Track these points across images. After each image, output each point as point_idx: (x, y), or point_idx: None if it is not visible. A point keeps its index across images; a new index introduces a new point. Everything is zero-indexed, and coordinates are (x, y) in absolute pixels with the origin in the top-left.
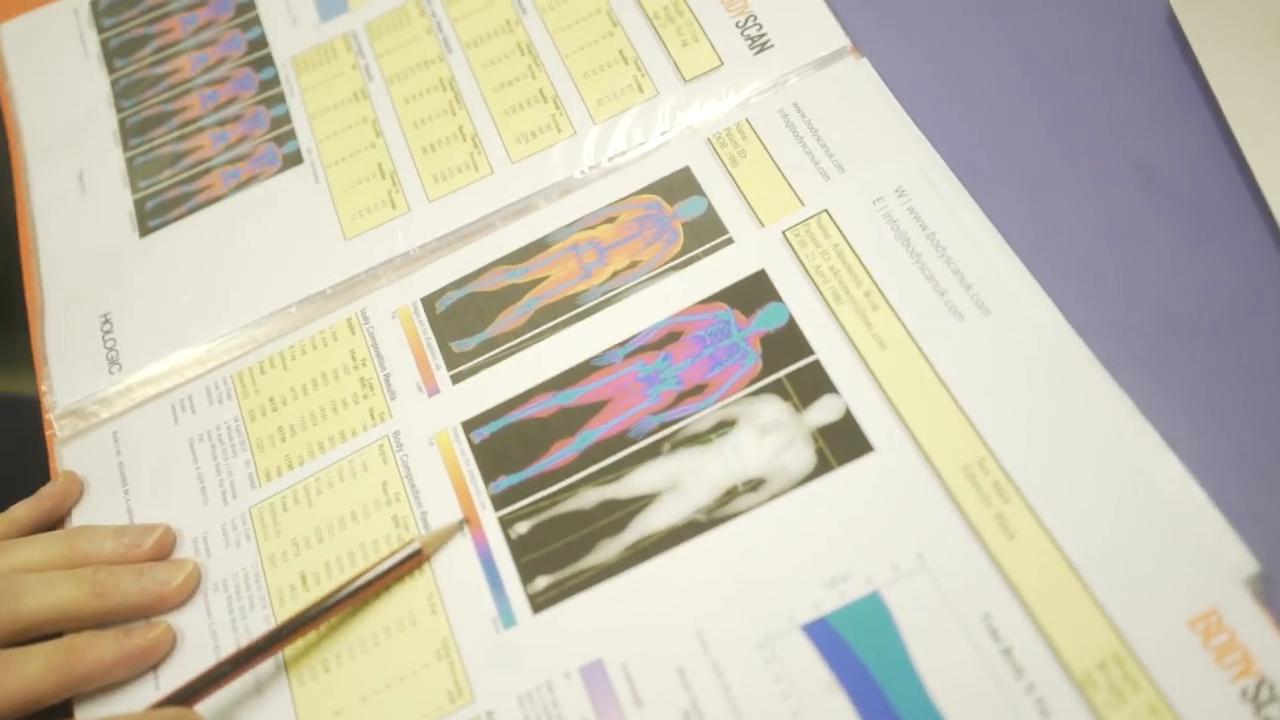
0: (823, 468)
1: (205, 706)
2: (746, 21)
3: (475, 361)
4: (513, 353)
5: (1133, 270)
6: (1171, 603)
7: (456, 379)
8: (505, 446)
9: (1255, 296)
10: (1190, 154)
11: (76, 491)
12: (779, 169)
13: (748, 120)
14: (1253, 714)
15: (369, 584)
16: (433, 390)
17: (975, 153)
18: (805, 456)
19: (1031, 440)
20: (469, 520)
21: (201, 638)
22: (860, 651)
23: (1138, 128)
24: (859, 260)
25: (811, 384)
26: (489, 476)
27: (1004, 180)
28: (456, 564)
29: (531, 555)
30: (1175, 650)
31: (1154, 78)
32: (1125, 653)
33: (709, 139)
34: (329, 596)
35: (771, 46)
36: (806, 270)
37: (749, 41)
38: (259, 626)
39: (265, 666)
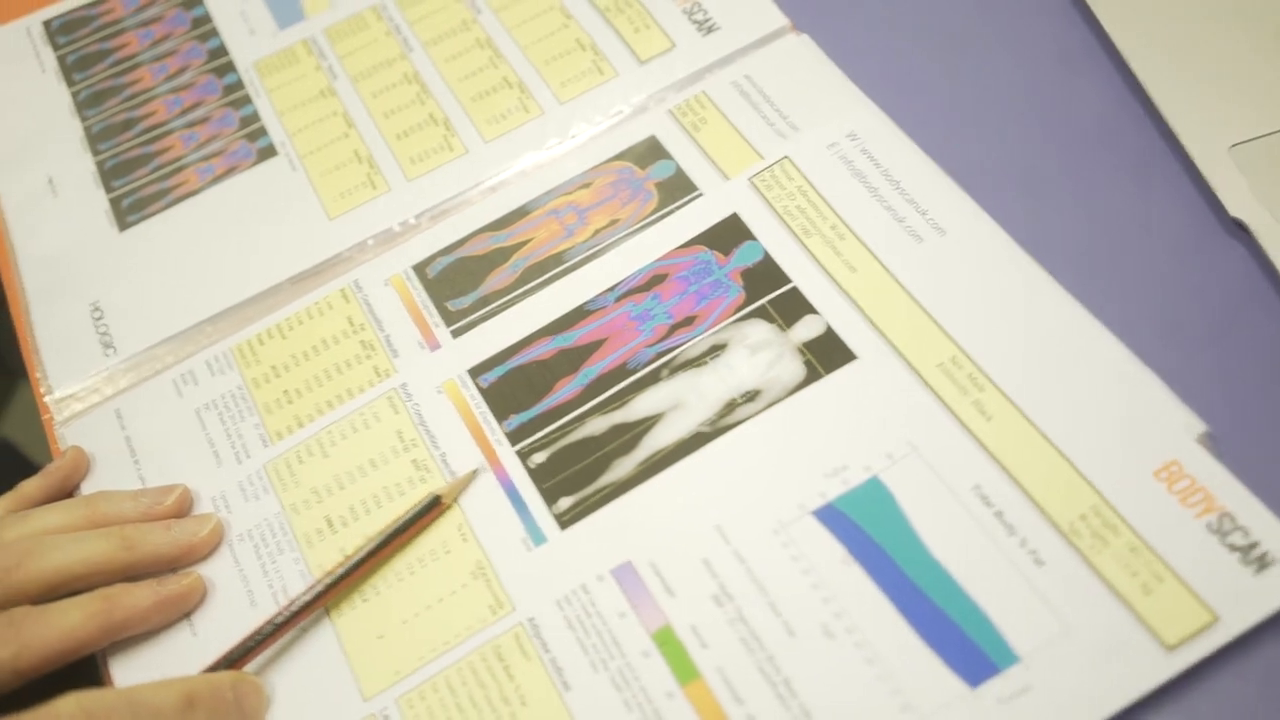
0: (812, 376)
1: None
2: (692, 8)
3: (472, 317)
4: (507, 306)
5: (1066, 193)
6: (1136, 459)
7: (456, 333)
8: (512, 388)
9: (1176, 210)
10: (1096, 96)
11: (84, 465)
12: (738, 132)
13: (704, 92)
14: (1219, 542)
15: (394, 536)
16: (434, 345)
17: (914, 108)
18: (795, 368)
19: (996, 336)
20: (487, 457)
21: (233, 585)
22: (868, 528)
23: (1048, 76)
24: (822, 198)
25: (792, 307)
26: (501, 415)
27: (942, 129)
28: (481, 497)
29: (552, 480)
30: (1145, 497)
31: (1059, 34)
32: (1102, 503)
33: (670, 110)
34: (355, 554)
35: (718, 29)
36: (775, 210)
37: (696, 25)
38: (290, 568)
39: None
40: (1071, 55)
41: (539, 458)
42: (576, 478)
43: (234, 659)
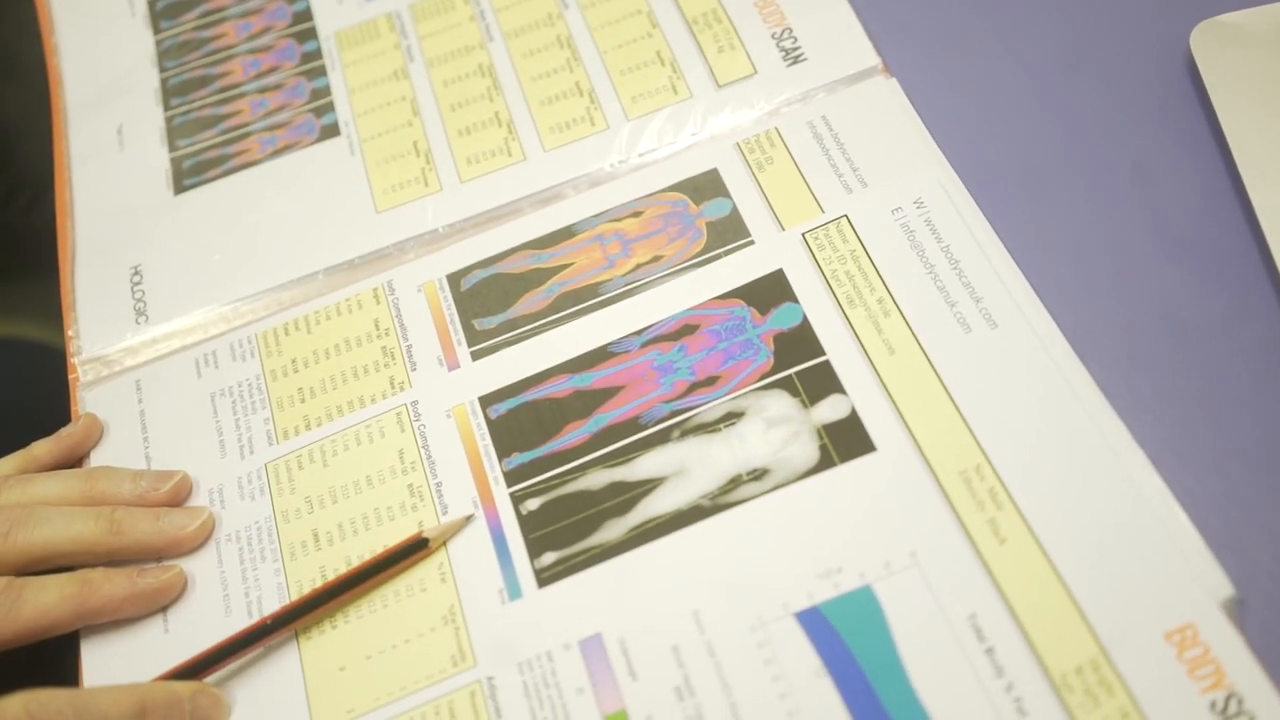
0: (825, 463)
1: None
2: (782, 34)
3: (496, 340)
4: (533, 334)
5: (1137, 300)
6: (1150, 614)
7: (477, 355)
8: (520, 424)
9: (1249, 337)
10: (1201, 203)
11: (97, 433)
12: (803, 178)
13: (777, 129)
14: None
15: (374, 572)
16: (453, 365)
17: (994, 174)
18: (809, 451)
19: (1027, 451)
20: (481, 494)
21: (212, 586)
22: (849, 641)
23: (1154, 169)
24: (874, 267)
25: (820, 382)
26: (503, 452)
27: (1019, 203)
28: (468, 537)
29: (540, 531)
30: (1151, 659)
31: (1170, 121)
32: (1102, 659)
33: (738, 144)
34: (337, 581)
35: (805, 60)
36: (823, 273)
37: (783, 53)
38: (269, 579)
39: None
40: (1178, 146)
41: (532, 504)
42: (565, 533)
43: (196, 669)
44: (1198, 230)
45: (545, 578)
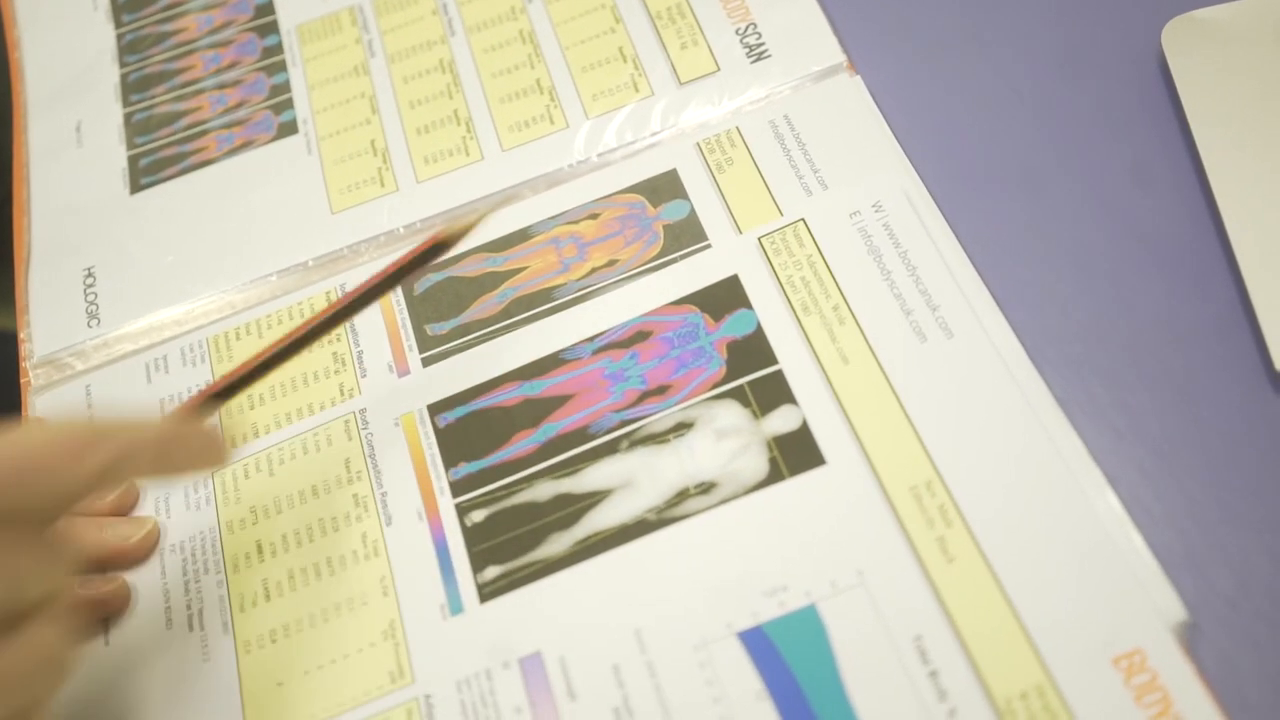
0: (774, 476)
1: (144, 664)
2: (747, 29)
3: (447, 346)
4: (485, 340)
5: (1100, 313)
6: (1098, 639)
7: (428, 361)
8: (468, 433)
9: (1214, 349)
10: (1169, 210)
11: None
12: (763, 179)
13: (738, 128)
14: None
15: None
16: (403, 371)
17: (959, 176)
18: (758, 464)
19: (980, 467)
20: (427, 505)
21: (154, 598)
22: (791, 663)
23: (1120, 178)
24: (830, 273)
25: (772, 393)
26: (450, 462)
27: (983, 206)
28: (412, 548)
29: (484, 544)
30: (1097, 686)
31: (1140, 122)
32: (1048, 684)
33: (698, 144)
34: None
35: (769, 56)
36: (779, 279)
37: (747, 49)
38: (211, 592)
39: (213, 631)
40: (1145, 153)
41: (477, 516)
42: (509, 546)
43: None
44: (1166, 237)
45: (487, 592)
